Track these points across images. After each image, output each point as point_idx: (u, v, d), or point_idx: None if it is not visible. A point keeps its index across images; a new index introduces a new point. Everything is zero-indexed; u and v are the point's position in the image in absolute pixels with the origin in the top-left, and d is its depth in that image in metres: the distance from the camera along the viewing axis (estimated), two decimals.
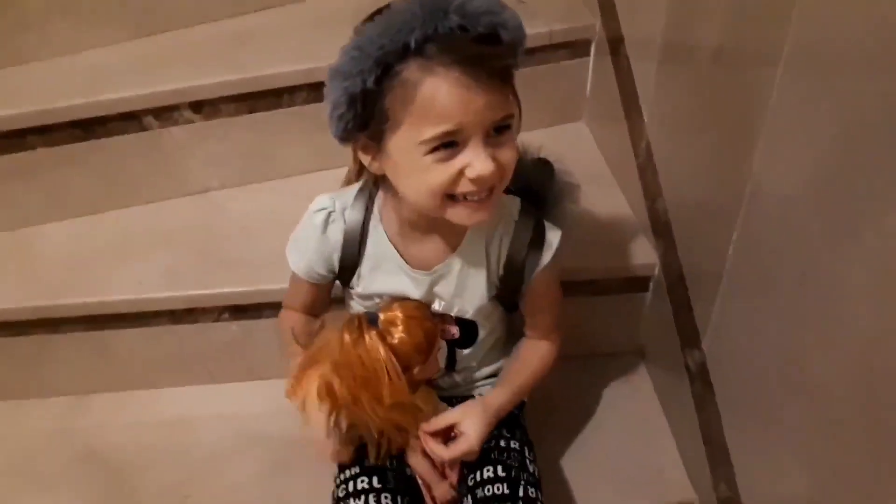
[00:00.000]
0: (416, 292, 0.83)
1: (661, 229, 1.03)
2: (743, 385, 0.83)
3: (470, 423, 0.82)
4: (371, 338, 0.76)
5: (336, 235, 0.82)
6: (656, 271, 1.06)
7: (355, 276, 0.85)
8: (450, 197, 0.71)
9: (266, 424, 1.10)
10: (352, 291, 0.87)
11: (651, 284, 1.08)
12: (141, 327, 1.10)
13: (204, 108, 1.15)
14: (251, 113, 1.17)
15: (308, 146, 1.21)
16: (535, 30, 1.20)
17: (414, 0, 0.65)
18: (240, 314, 1.10)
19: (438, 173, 0.69)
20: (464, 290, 0.84)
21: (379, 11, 0.69)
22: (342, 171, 0.88)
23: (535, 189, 0.85)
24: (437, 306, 0.85)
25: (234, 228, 1.16)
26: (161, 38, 1.27)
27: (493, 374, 0.95)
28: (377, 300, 0.85)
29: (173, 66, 1.18)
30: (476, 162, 0.68)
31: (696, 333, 0.93)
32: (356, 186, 0.83)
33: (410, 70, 0.66)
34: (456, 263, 0.82)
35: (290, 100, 1.17)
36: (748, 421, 0.82)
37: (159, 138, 1.15)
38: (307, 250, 0.84)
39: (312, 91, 1.16)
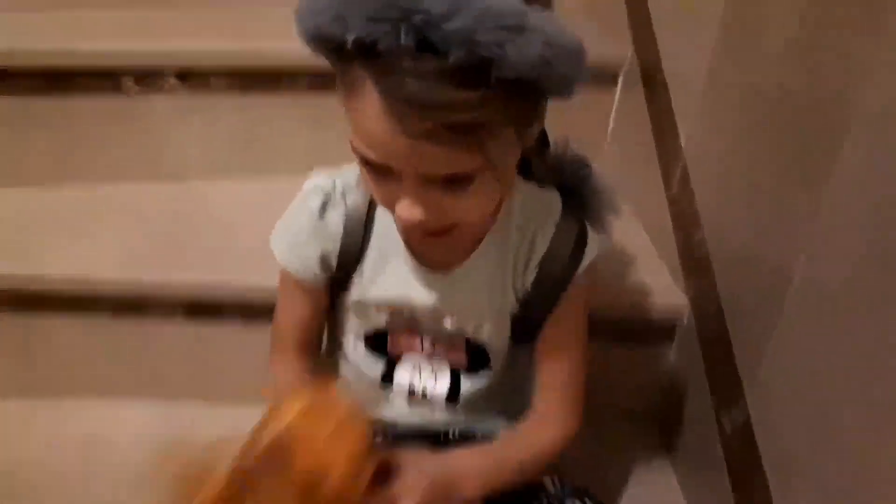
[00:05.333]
0: (425, 299, 0.68)
1: (695, 266, 0.90)
2: (798, 450, 0.68)
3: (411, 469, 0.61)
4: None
5: (335, 223, 0.67)
6: (685, 317, 0.92)
7: (355, 274, 0.69)
8: None
9: None
10: (348, 299, 0.71)
11: (677, 333, 0.94)
12: (76, 316, 0.93)
13: (191, 77, 1.01)
14: (244, 92, 1.04)
15: (304, 140, 1.08)
16: None
17: None
18: (196, 315, 0.93)
19: (375, 186, 0.56)
20: (482, 300, 0.69)
21: None
22: None
23: (573, 189, 0.70)
24: (447, 323, 0.70)
25: (208, 219, 1.01)
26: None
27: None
28: (376, 311, 0.70)
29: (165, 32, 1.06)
30: (403, 204, 0.53)
31: (737, 389, 0.78)
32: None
33: (354, 64, 0.49)
34: (477, 265, 0.67)
35: (290, 84, 1.05)
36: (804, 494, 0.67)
37: (136, 104, 1.01)
38: (300, 241, 0.68)
39: (316, 79, 1.04)
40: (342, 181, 0.67)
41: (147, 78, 1.00)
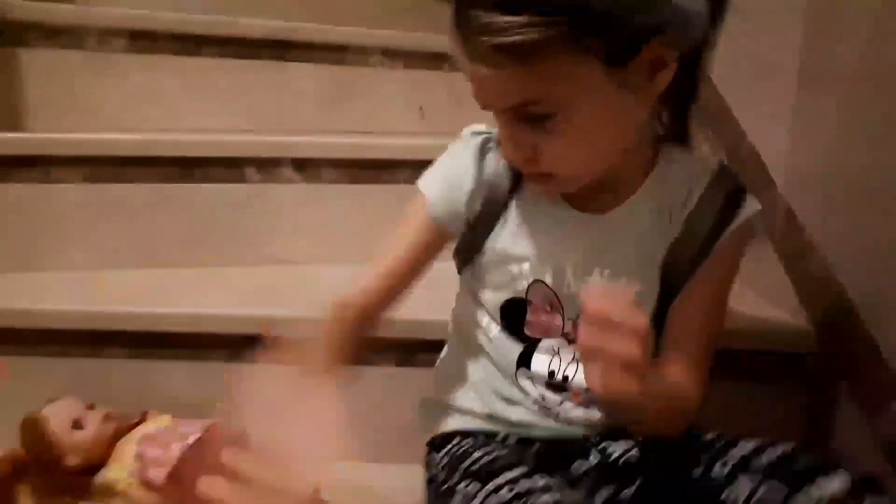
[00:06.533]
0: (574, 250, 0.67)
1: (816, 289, 0.88)
2: None
3: None
4: None
5: (490, 167, 0.69)
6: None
7: (498, 225, 0.69)
8: None
9: None
10: (481, 260, 0.71)
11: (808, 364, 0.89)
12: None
13: (306, 168, 1.12)
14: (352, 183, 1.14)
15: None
16: None
17: None
18: None
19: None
20: (636, 251, 0.67)
21: None
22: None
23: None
24: (595, 278, 0.67)
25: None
26: None
27: None
28: (518, 269, 0.69)
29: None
30: (501, 140, 0.63)
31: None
32: None
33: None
34: (633, 211, 0.67)
35: (391, 176, 1.14)
36: None
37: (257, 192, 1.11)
38: (456, 176, 0.69)
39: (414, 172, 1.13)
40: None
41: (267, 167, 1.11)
